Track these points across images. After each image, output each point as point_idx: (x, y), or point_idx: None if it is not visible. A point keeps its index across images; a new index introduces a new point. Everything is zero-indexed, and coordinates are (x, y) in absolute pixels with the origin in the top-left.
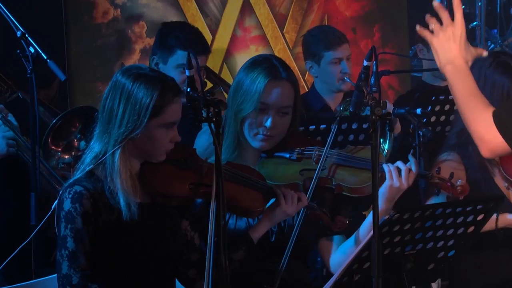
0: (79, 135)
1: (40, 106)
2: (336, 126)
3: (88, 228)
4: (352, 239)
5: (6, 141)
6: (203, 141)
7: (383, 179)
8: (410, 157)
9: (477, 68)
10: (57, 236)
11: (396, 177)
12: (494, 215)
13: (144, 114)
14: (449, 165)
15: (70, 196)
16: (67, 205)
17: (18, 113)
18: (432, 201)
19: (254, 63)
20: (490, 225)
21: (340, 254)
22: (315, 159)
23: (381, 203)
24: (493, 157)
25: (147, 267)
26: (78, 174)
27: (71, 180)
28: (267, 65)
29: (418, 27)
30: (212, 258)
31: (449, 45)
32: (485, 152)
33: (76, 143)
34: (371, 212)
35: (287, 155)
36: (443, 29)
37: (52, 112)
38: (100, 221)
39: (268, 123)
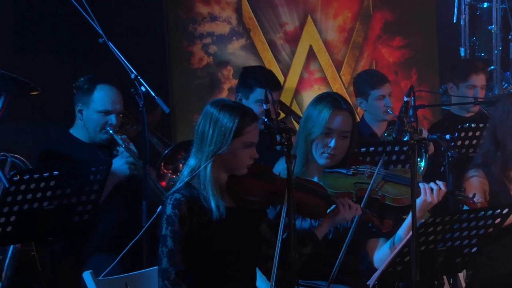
0: (183, 161)
1: (154, 137)
2: (383, 159)
3: (184, 229)
4: (394, 238)
5: (128, 165)
6: (281, 165)
7: (419, 193)
8: (440, 182)
9: (501, 104)
10: (159, 234)
11: (429, 194)
12: None
13: (228, 135)
14: (476, 181)
15: (171, 202)
16: (168, 209)
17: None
18: None
19: (321, 98)
20: None
21: (383, 251)
22: (367, 175)
23: (416, 212)
24: None
25: (234, 259)
26: (178, 185)
27: (173, 189)
28: (331, 98)
29: None
30: (280, 252)
31: None
32: None
33: (181, 167)
34: (409, 216)
35: (345, 171)
36: None
37: (164, 143)
38: (195, 221)
39: (332, 143)
